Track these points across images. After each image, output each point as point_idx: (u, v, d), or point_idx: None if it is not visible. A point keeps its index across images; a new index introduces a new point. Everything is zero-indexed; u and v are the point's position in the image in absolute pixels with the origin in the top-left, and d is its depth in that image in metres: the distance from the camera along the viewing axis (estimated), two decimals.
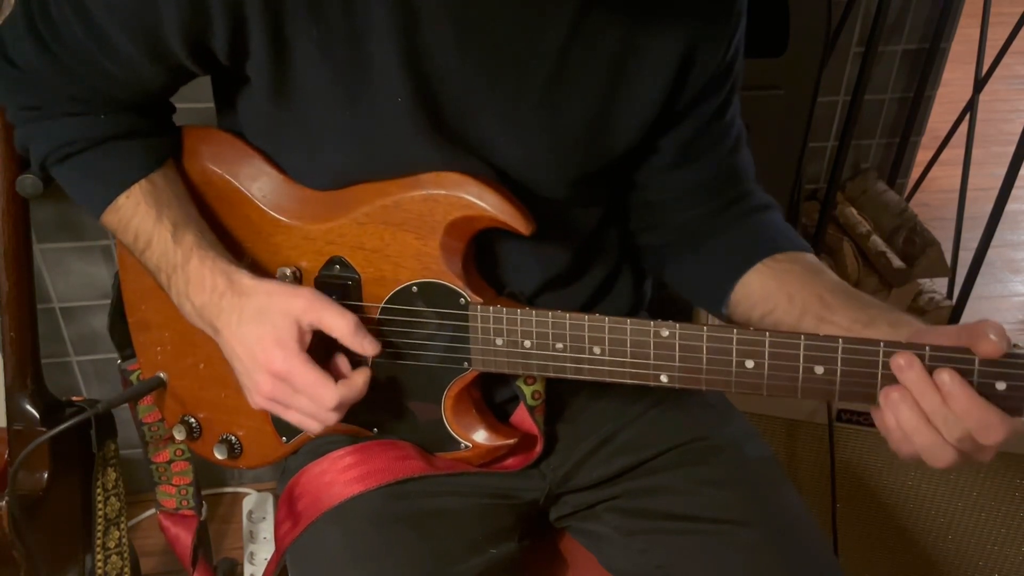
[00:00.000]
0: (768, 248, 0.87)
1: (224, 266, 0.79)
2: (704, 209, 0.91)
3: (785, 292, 0.83)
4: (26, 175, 1.01)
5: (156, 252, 0.81)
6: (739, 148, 0.91)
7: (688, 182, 0.90)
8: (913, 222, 1.84)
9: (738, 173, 0.91)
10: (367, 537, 0.83)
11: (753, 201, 0.92)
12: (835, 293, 0.80)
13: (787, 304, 0.82)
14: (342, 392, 0.76)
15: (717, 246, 0.91)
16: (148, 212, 0.81)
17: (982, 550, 1.40)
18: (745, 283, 0.87)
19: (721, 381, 0.73)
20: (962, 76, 2.14)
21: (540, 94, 0.77)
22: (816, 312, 0.79)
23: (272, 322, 0.75)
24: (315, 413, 0.77)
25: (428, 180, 0.78)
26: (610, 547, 0.93)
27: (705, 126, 0.87)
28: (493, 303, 0.79)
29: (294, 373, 0.75)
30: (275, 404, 0.78)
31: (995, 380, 0.65)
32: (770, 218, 0.92)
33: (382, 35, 0.71)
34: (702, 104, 0.85)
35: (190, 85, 0.85)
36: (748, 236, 0.90)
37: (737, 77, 0.87)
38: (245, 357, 0.77)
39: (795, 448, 1.41)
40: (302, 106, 0.76)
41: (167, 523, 1.11)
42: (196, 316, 0.80)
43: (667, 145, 0.87)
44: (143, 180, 0.82)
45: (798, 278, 0.83)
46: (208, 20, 0.70)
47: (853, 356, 0.68)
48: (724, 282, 0.88)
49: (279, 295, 0.76)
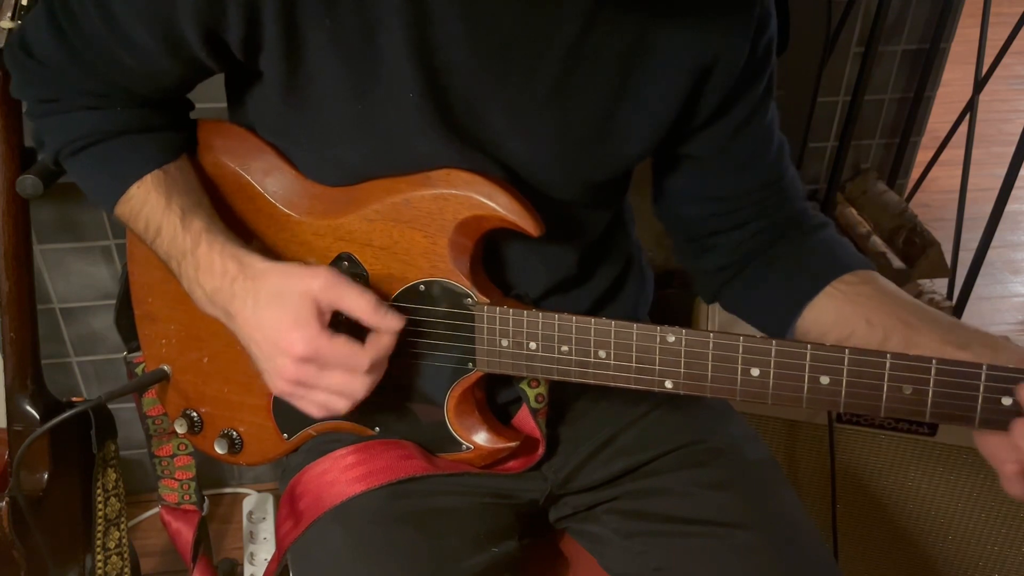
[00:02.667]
0: (835, 269, 0.85)
1: (233, 250, 0.78)
2: (757, 227, 0.89)
3: (863, 316, 0.81)
4: (26, 175, 1.01)
5: (166, 239, 0.81)
6: (783, 156, 0.89)
7: (737, 190, 0.88)
8: (913, 223, 1.84)
9: (788, 186, 0.90)
10: (369, 536, 0.83)
11: (809, 219, 0.90)
12: (918, 315, 0.78)
13: (866, 329, 0.80)
14: (371, 353, 0.75)
15: (779, 268, 0.89)
16: (158, 200, 0.81)
17: (982, 551, 1.40)
18: (816, 308, 0.85)
19: (726, 389, 0.73)
20: (962, 76, 2.13)
21: (549, 92, 0.77)
22: (901, 335, 0.77)
23: (290, 303, 0.74)
24: (346, 384, 0.75)
25: (439, 178, 0.78)
26: (609, 549, 0.93)
27: (741, 132, 0.85)
28: (500, 304, 0.79)
29: (321, 350, 0.74)
30: (299, 387, 0.76)
31: (1001, 395, 0.65)
32: (830, 236, 0.90)
33: (393, 29, 0.71)
34: (732, 108, 0.84)
35: (203, 84, 0.85)
36: (812, 257, 0.88)
37: (771, 82, 0.85)
38: (264, 343, 0.76)
39: (795, 449, 1.41)
40: (313, 99, 0.76)
41: (169, 517, 1.11)
42: (208, 302, 0.79)
43: (703, 150, 0.87)
44: (156, 171, 0.82)
45: (874, 300, 0.82)
46: (223, 10, 0.70)
47: (859, 368, 0.68)
48: (791, 307, 0.86)
49: (296, 275, 0.75)
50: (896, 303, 0.80)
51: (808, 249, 0.89)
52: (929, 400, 0.67)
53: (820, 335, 0.84)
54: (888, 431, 1.33)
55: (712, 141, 0.86)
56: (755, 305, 0.92)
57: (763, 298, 0.91)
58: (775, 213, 0.89)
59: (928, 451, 1.33)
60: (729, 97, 0.82)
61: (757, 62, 0.82)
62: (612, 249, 0.93)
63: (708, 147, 0.87)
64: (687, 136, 0.86)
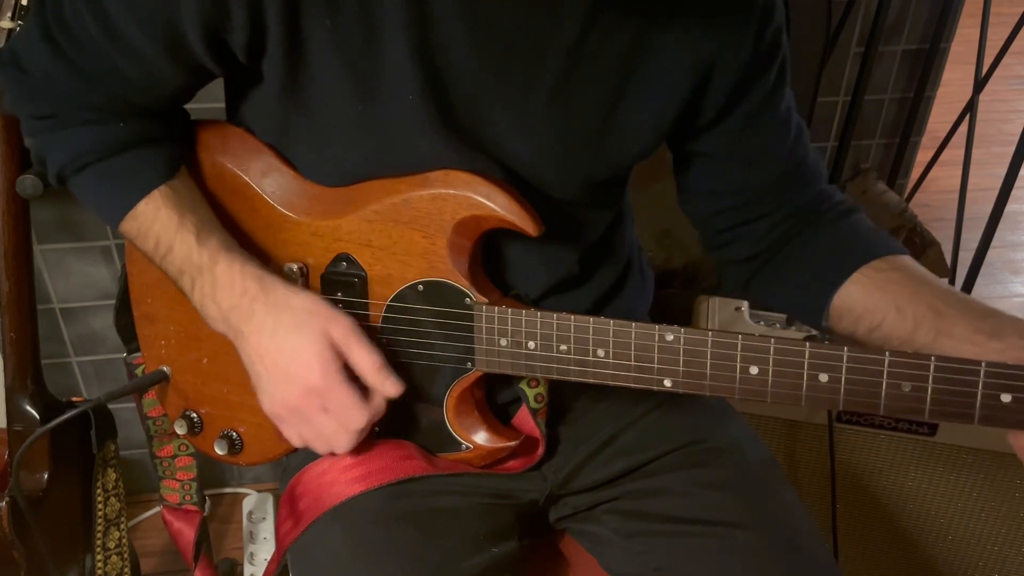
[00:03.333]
0: (864, 255, 0.84)
1: (254, 270, 0.79)
2: (781, 215, 0.89)
3: (892, 303, 0.80)
4: (26, 175, 1.01)
5: (179, 256, 0.81)
6: (801, 143, 0.88)
7: (755, 183, 0.88)
8: (913, 222, 1.84)
9: (808, 171, 0.89)
10: (369, 536, 0.83)
11: (836, 203, 0.89)
12: (948, 302, 0.76)
13: (896, 317, 0.79)
14: (368, 414, 0.78)
15: (807, 256, 0.88)
16: (170, 217, 0.81)
17: (982, 551, 1.40)
18: (845, 295, 0.84)
19: (725, 387, 0.73)
20: (962, 76, 2.13)
21: (550, 91, 0.77)
22: (932, 323, 0.76)
23: (311, 338, 0.76)
24: (335, 435, 0.79)
25: (437, 179, 0.78)
26: (609, 549, 0.93)
27: (753, 125, 0.85)
28: (499, 304, 0.79)
29: (332, 390, 0.76)
30: (293, 415, 0.79)
31: (1000, 392, 0.65)
32: (859, 221, 0.88)
33: (395, 29, 0.71)
34: (741, 103, 0.83)
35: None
36: (840, 243, 0.87)
37: (783, 70, 0.84)
38: (273, 366, 0.77)
39: (795, 449, 1.41)
40: (314, 100, 0.76)
41: (170, 518, 1.11)
42: (221, 319, 0.80)
43: (714, 147, 0.86)
44: (163, 186, 0.82)
45: (904, 287, 0.80)
46: (227, 13, 0.70)
47: (858, 365, 0.68)
48: (821, 295, 0.85)
49: (320, 314, 0.77)
50: (926, 290, 0.79)
51: (835, 235, 0.87)
52: (928, 397, 0.67)
53: (852, 323, 0.83)
54: (888, 431, 1.33)
55: (723, 136, 0.86)
56: (785, 296, 0.91)
57: (792, 288, 0.90)
58: (798, 199, 0.89)
59: (928, 451, 1.33)
60: (736, 92, 0.82)
61: (764, 54, 0.81)
62: (612, 249, 0.93)
63: (719, 143, 0.86)
64: (696, 133, 0.86)
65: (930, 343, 0.76)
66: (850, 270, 0.84)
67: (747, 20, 0.79)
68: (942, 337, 0.74)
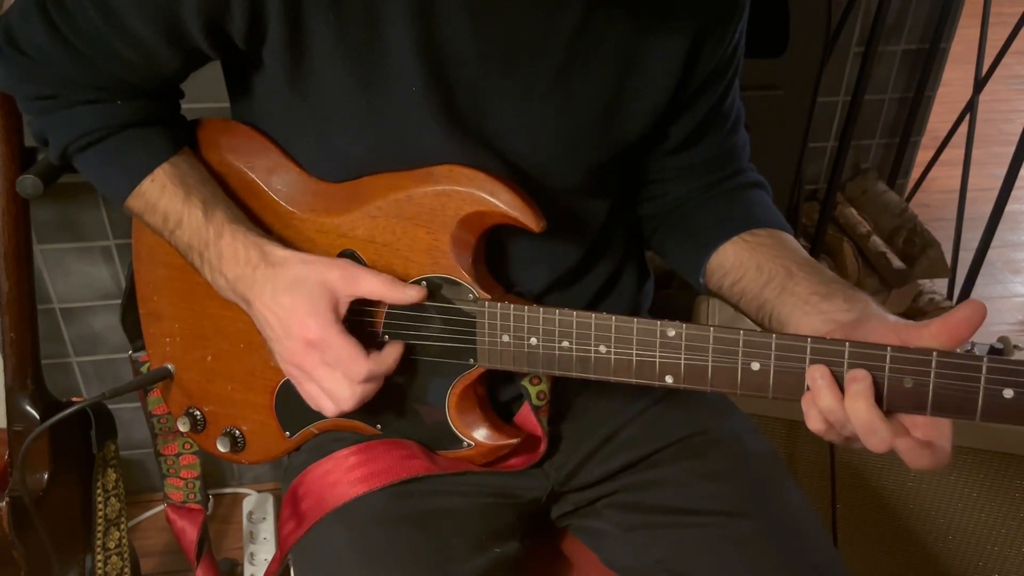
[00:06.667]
0: (747, 223, 0.89)
1: (255, 239, 0.80)
2: (698, 184, 0.93)
3: (755, 262, 0.85)
4: (26, 175, 1.01)
5: (187, 230, 0.82)
6: (737, 129, 0.93)
7: (687, 162, 0.92)
8: (913, 222, 1.84)
9: (734, 153, 0.93)
10: (372, 537, 0.83)
11: (743, 179, 0.94)
12: (801, 266, 0.82)
13: (755, 273, 0.84)
14: (371, 366, 0.77)
15: (702, 219, 0.92)
16: (176, 192, 0.82)
17: (982, 550, 1.40)
18: (721, 253, 0.89)
19: (727, 382, 0.73)
20: (962, 76, 2.14)
21: (552, 82, 0.77)
22: (780, 281, 0.82)
23: (308, 291, 0.77)
24: (337, 387, 0.78)
25: (441, 175, 0.78)
26: (610, 543, 0.93)
27: (710, 111, 0.88)
28: (501, 300, 0.79)
29: (328, 342, 0.76)
30: (300, 374, 0.79)
31: (1002, 387, 0.64)
32: (756, 195, 0.93)
33: (398, 21, 0.71)
34: (708, 91, 0.86)
35: (202, 85, 0.86)
36: (730, 211, 0.91)
37: (739, 62, 0.88)
38: (277, 325, 0.78)
39: (795, 448, 1.41)
40: (316, 91, 0.76)
41: (174, 516, 1.11)
42: (229, 290, 0.81)
43: (674, 131, 0.88)
44: (165, 163, 0.83)
45: (770, 250, 0.86)
46: (227, 2, 0.70)
47: (860, 361, 0.67)
48: (702, 252, 0.90)
49: (315, 265, 0.78)
50: (788, 254, 0.84)
51: (729, 205, 0.92)
52: (930, 392, 0.66)
53: (720, 277, 0.89)
54: None
55: (687, 121, 0.88)
56: (677, 250, 0.96)
57: (683, 244, 0.94)
58: (718, 172, 0.93)
59: None
60: (708, 79, 0.85)
61: (735, 45, 0.86)
62: (612, 242, 0.93)
63: (681, 126, 0.89)
64: (670, 116, 0.88)
65: (773, 298, 0.81)
66: (731, 234, 0.88)
67: (733, 10, 0.83)
68: (784, 294, 0.80)
